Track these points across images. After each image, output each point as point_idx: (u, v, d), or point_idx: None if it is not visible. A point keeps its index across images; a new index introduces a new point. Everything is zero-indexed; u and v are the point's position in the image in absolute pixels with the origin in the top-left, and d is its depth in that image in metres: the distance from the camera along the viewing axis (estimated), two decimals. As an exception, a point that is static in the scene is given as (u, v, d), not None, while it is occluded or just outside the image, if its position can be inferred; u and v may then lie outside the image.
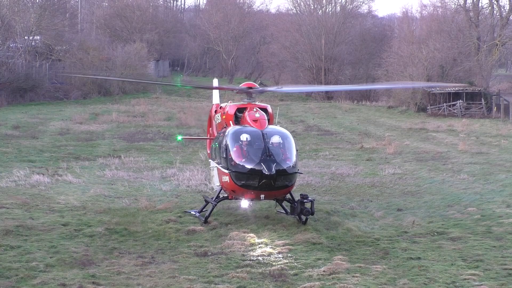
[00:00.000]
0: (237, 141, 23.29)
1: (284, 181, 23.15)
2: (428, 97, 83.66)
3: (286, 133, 24.25)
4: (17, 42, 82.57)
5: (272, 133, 23.67)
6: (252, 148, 23.16)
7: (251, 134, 23.40)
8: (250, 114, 24.29)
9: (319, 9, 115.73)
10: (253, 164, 22.72)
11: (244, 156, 23.07)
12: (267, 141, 23.12)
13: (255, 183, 22.82)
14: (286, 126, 60.64)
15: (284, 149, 23.49)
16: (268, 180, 22.58)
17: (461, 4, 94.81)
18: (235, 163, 23.10)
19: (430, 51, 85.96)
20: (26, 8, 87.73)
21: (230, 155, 23.22)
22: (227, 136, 23.69)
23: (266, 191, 23.15)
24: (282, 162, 22.94)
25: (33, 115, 64.23)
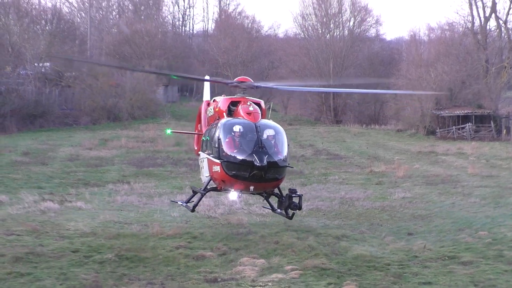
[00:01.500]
0: (230, 132, 23.38)
1: (274, 174, 23.19)
2: (437, 120, 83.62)
3: (279, 128, 24.37)
4: (27, 69, 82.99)
5: (265, 126, 23.79)
6: (244, 140, 23.25)
7: (244, 126, 23.51)
8: (244, 107, 24.41)
9: (327, 33, 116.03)
10: (245, 155, 22.78)
11: (236, 147, 23.16)
12: (260, 133, 23.23)
13: (246, 174, 22.82)
14: (295, 150, 60.75)
15: (276, 142, 23.62)
16: (259, 171, 22.60)
17: (468, 27, 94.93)
18: (227, 153, 23.14)
19: (438, 74, 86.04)
20: (36, 35, 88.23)
21: (222, 145, 23.28)
22: (220, 127, 23.72)
23: (256, 182, 23.18)
24: (273, 154, 23.05)
25: (43, 141, 64.39)
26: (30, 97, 79.02)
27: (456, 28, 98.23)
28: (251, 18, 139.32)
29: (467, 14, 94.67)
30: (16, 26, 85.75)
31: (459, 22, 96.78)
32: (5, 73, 78.91)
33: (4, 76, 78.04)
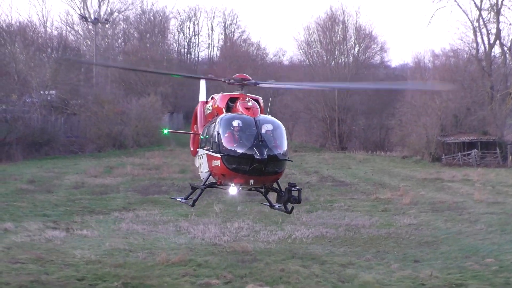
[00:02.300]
0: (229, 126, 23.53)
1: (274, 167, 23.19)
2: (442, 146, 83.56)
3: (278, 122, 24.52)
4: (33, 97, 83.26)
5: (265, 121, 23.91)
6: (244, 134, 23.32)
7: (243, 120, 23.58)
8: (243, 103, 24.62)
9: (331, 60, 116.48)
10: (245, 149, 22.70)
11: (236, 141, 23.15)
12: (259, 128, 23.26)
13: (246, 168, 22.77)
14: (300, 177, 60.69)
15: (275, 136, 23.62)
16: (259, 164, 22.68)
17: (473, 54, 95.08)
18: (227, 147, 23.20)
19: (443, 101, 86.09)
20: (42, 63, 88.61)
21: (222, 139, 23.41)
22: (220, 121, 23.89)
23: (256, 176, 23.18)
24: (273, 148, 23.00)
25: (48, 169, 64.44)
26: (35, 125, 79.21)
27: (460, 55, 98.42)
28: (256, 45, 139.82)
29: (471, 41, 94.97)
30: (22, 54, 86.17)
31: (463, 48, 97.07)
32: (11, 101, 79.18)
33: (10, 104, 78.27)
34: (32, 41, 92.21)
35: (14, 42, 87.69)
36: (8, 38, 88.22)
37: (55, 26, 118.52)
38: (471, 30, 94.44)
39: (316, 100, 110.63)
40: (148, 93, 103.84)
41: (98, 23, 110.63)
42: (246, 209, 42.60)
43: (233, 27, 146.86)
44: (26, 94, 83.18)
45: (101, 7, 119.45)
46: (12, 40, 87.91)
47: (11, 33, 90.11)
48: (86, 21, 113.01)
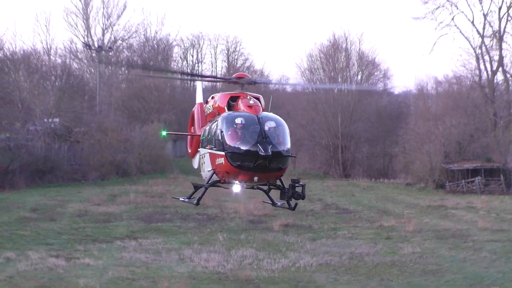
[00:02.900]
0: (232, 124, 23.66)
1: (278, 164, 23.07)
2: (446, 173, 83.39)
3: (280, 119, 24.68)
4: (37, 125, 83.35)
5: (267, 118, 23.93)
6: (247, 131, 23.29)
7: (246, 118, 23.61)
8: (244, 101, 24.80)
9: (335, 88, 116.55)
10: (249, 146, 22.72)
11: (240, 138, 23.14)
12: (262, 125, 23.26)
13: (250, 164, 22.71)
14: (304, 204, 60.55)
15: (279, 133, 23.60)
16: (263, 161, 22.79)
17: (476, 81, 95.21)
18: (231, 145, 23.17)
19: (446, 128, 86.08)
20: (46, 91, 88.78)
21: (226, 137, 23.50)
22: (223, 119, 24.02)
23: (260, 172, 23.15)
24: (277, 144, 22.93)
25: (51, 197, 64.39)
26: (39, 153, 79.22)
27: (463, 82, 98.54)
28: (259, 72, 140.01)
29: (474, 68, 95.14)
30: (26, 82, 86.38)
31: (466, 75, 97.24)
32: (15, 129, 79.29)
33: (14, 132, 78.37)
34: (36, 69, 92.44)
35: (18, 70, 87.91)
36: (12, 66, 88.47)
37: (59, 54, 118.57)
38: (473, 57, 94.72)
39: (319, 127, 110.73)
40: (151, 121, 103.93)
41: (101, 51, 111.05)
42: (250, 237, 42.51)
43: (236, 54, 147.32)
44: (30, 122, 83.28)
45: (104, 35, 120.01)
46: (16, 68, 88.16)
47: (15, 61, 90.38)
48: (90, 49, 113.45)
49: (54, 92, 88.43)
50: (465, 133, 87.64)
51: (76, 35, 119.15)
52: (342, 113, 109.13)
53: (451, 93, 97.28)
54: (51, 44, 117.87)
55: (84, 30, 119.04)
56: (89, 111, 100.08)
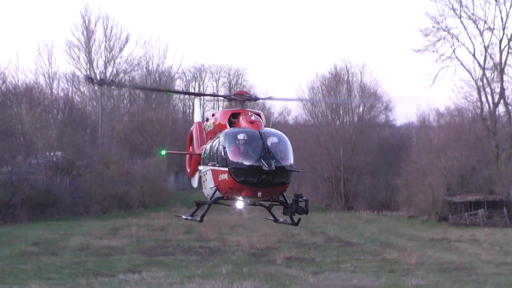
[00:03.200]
0: (235, 140, 23.80)
1: (281, 179, 23.02)
2: (449, 206, 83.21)
3: (283, 135, 24.81)
4: (39, 158, 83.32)
5: (270, 133, 24.11)
6: (250, 147, 23.37)
7: (248, 133, 23.52)
8: (245, 117, 25.01)
9: (336, 120, 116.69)
10: (253, 161, 22.49)
11: (243, 154, 23.01)
12: (265, 140, 23.40)
13: (254, 180, 22.57)
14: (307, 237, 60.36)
15: (281, 148, 23.72)
16: (267, 176, 22.88)
17: (478, 113, 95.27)
18: (234, 160, 23.20)
19: (449, 160, 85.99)
20: (48, 124, 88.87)
21: (229, 153, 23.58)
22: (225, 136, 24.15)
23: (264, 187, 23.26)
24: (280, 159, 22.74)
25: (53, 230, 64.19)
26: (41, 186, 79.14)
27: (465, 114, 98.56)
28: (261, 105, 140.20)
29: (475, 100, 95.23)
30: (28, 115, 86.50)
31: (468, 107, 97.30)
32: (17, 162, 79.20)
33: (16, 166, 78.29)
34: (38, 102, 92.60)
35: (20, 103, 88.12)
36: (15, 100, 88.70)
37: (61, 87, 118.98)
38: (475, 89, 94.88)
39: (321, 159, 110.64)
40: (153, 154, 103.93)
41: (104, 84, 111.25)
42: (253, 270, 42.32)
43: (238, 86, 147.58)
44: (32, 155, 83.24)
45: (107, 68, 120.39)
46: (18, 101, 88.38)
47: (17, 95, 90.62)
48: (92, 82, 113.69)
49: (56, 125, 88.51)
50: (468, 165, 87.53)
51: (79, 68, 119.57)
52: (344, 146, 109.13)
53: (453, 125, 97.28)
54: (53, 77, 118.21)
55: (86, 63, 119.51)
56: (91, 144, 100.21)
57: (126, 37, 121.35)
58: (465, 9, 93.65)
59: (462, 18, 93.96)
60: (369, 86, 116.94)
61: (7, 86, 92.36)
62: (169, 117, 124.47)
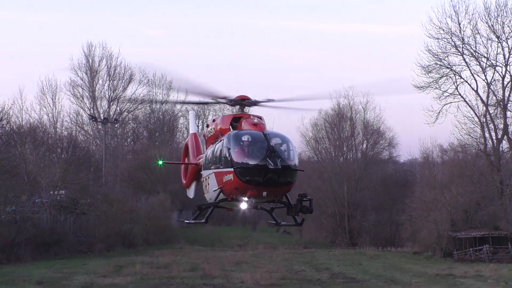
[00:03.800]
0: (240, 141, 24.00)
1: (286, 178, 23.43)
2: (453, 242, 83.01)
3: (286, 136, 25.14)
4: (43, 197, 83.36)
5: (274, 134, 24.41)
6: (255, 147, 23.70)
7: (253, 135, 24.11)
8: (248, 120, 25.23)
9: (340, 156, 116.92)
10: (258, 160, 23.11)
11: (248, 154, 23.56)
12: (270, 141, 23.66)
13: (260, 179, 23.00)
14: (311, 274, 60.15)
15: (286, 148, 24.10)
16: (273, 174, 22.80)
17: (481, 149, 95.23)
18: (240, 160, 23.49)
19: (453, 196, 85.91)
20: (52, 163, 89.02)
21: (234, 153, 23.70)
22: (230, 137, 24.30)
23: (270, 187, 23.30)
24: (286, 159, 23.44)
25: (57, 269, 64.01)
26: (45, 225, 79.07)
27: (469, 150, 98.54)
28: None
29: (479, 136, 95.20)
30: (32, 155, 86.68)
31: (471, 144, 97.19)
32: (21, 201, 79.23)
33: (20, 205, 78.28)
34: (42, 142, 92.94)
35: (24, 143, 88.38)
36: (19, 140, 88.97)
37: (65, 127, 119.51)
38: (478, 125, 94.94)
39: (325, 196, 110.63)
40: (157, 192, 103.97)
41: (107, 123, 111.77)
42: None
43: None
44: (36, 195, 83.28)
45: (110, 107, 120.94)
46: (22, 141, 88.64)
47: (21, 134, 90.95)
48: (96, 121, 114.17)
49: (60, 164, 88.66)
50: (472, 201, 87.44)
51: (82, 107, 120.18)
52: (348, 182, 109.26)
53: (456, 161, 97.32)
54: (57, 116, 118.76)
55: (90, 102, 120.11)
56: (95, 183, 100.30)
57: (130, 76, 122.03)
58: (468, 46, 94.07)
59: (465, 55, 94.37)
60: (372, 123, 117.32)
61: (11, 126, 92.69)
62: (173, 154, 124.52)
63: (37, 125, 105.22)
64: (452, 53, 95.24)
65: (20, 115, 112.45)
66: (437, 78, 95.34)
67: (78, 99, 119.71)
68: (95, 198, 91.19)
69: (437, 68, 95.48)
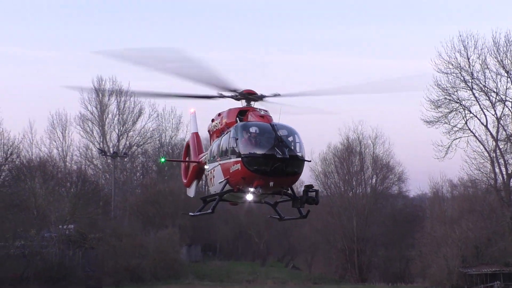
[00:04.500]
0: (247, 132, 24.17)
1: (294, 168, 23.54)
2: (464, 278, 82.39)
3: (294, 128, 24.92)
4: (52, 231, 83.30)
5: (281, 126, 24.50)
6: (263, 137, 23.86)
7: (261, 126, 24.26)
8: (255, 113, 25.39)
9: (349, 191, 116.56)
10: (266, 149, 23.30)
11: (256, 144, 23.73)
12: (277, 131, 23.82)
13: (268, 168, 23.12)
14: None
15: (293, 139, 24.19)
16: (281, 163, 22.72)
17: (491, 184, 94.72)
18: (248, 150, 23.61)
19: (463, 231, 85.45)
20: (61, 197, 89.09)
21: (242, 143, 23.85)
22: (237, 128, 24.46)
23: (277, 176, 23.27)
24: (293, 149, 23.67)
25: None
26: (53, 260, 78.96)
27: (479, 185, 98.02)
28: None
29: (489, 171, 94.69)
30: (41, 189, 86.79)
31: (481, 179, 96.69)
32: (30, 236, 79.19)
33: (29, 239, 78.28)
34: (51, 176, 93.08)
35: (34, 177, 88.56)
36: (28, 174, 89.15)
37: (74, 161, 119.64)
38: (488, 160, 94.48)
39: (334, 231, 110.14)
40: (166, 226, 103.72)
41: (117, 157, 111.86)
42: None
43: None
44: (45, 229, 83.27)
45: (120, 141, 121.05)
46: (32, 175, 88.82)
47: (31, 169, 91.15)
48: (105, 155, 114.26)
49: (70, 198, 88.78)
50: (482, 236, 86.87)
51: (92, 141, 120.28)
52: (358, 217, 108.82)
53: (466, 197, 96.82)
54: (67, 150, 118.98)
55: (100, 136, 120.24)
56: (104, 217, 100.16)
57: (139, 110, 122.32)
58: (477, 81, 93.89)
59: (474, 89, 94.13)
60: (381, 157, 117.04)
61: (21, 160, 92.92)
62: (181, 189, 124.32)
63: (47, 159, 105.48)
64: (461, 87, 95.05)
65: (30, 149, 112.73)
66: (447, 113, 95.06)
67: (87, 133, 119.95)
68: (104, 232, 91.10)
69: (447, 103, 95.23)
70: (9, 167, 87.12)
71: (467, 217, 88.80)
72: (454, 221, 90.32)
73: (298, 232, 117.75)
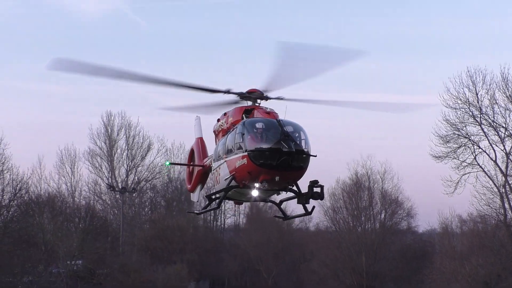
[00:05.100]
0: (254, 128, 24.62)
1: (299, 162, 23.78)
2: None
3: (300, 124, 25.14)
4: (59, 267, 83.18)
5: (287, 122, 24.76)
6: (269, 132, 24.16)
7: (267, 122, 24.53)
8: (260, 110, 25.87)
9: (358, 226, 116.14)
10: (272, 143, 23.57)
11: (263, 138, 24.00)
12: (283, 127, 24.10)
13: (274, 162, 23.31)
14: None
15: (299, 135, 24.44)
16: (287, 156, 23.09)
17: (501, 220, 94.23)
18: (254, 145, 23.83)
19: (473, 267, 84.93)
20: (69, 233, 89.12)
21: (248, 139, 24.12)
22: (244, 124, 24.83)
23: (283, 170, 23.48)
24: (299, 143, 23.94)
25: None
26: (61, 296, 78.77)
27: (488, 220, 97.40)
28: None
29: (498, 206, 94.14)
30: (50, 224, 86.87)
31: (491, 214, 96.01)
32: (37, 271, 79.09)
33: (36, 275, 78.17)
34: (60, 211, 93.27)
35: (42, 212, 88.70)
36: (37, 209, 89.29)
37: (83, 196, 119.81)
38: (497, 195, 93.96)
39: (343, 266, 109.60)
40: (174, 261, 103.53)
41: (125, 192, 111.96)
42: None
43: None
44: (53, 265, 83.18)
45: (128, 176, 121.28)
46: (40, 211, 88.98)
47: (40, 204, 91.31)
48: (114, 191, 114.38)
49: (78, 234, 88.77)
50: (492, 272, 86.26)
51: (101, 176, 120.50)
52: (366, 252, 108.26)
53: (476, 232, 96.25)
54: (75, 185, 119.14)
55: (109, 171, 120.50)
56: (112, 252, 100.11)
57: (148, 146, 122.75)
58: (485, 116, 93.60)
59: (483, 125, 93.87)
60: (390, 192, 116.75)
61: (30, 195, 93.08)
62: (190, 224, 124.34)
63: (56, 194, 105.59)
64: (470, 123, 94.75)
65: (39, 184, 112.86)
66: (455, 148, 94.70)
67: (96, 168, 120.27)
68: (112, 268, 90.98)
69: (455, 138, 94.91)
70: (17, 202, 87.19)
71: (477, 253, 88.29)
72: (463, 256, 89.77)
73: (306, 267, 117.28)
